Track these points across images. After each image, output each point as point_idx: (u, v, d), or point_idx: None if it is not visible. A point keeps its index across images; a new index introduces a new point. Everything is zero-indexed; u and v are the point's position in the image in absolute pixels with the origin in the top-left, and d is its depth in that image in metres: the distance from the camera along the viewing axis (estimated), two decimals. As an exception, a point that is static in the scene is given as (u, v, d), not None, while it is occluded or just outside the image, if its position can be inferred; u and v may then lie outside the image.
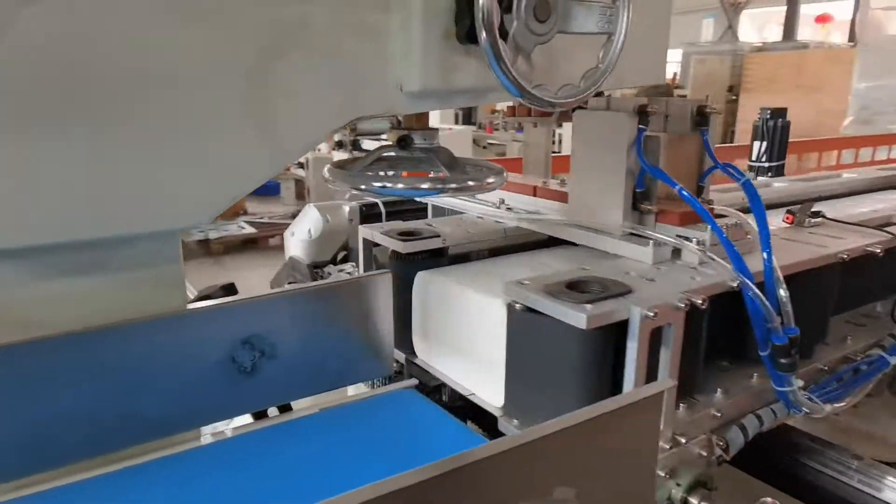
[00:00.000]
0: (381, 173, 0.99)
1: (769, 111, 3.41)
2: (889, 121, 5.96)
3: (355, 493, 0.53)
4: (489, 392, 1.09)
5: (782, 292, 0.99)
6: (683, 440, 0.96)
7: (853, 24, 9.26)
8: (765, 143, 3.34)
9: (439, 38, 0.85)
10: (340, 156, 5.90)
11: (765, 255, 1.00)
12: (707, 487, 0.94)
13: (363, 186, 0.92)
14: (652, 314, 0.87)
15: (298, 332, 0.97)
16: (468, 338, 1.12)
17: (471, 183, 0.95)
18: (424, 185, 0.92)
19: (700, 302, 0.92)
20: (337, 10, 0.81)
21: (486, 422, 1.10)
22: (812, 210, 1.39)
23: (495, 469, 0.58)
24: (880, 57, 6.26)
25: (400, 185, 0.90)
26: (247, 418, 0.98)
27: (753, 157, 3.45)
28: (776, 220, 1.36)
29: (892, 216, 1.49)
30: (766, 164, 3.29)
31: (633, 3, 0.83)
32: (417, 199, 1.74)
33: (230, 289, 1.14)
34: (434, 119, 1.04)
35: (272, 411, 1.00)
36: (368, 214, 1.72)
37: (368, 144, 6.03)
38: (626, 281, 0.98)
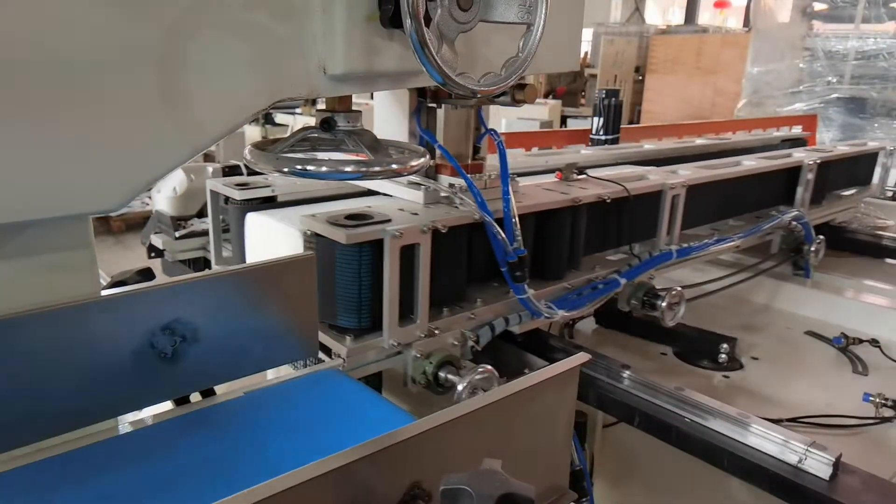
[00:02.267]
0: (305, 156, 0.98)
1: (604, 91, 3.97)
2: (777, 104, 6.41)
3: (285, 478, 0.54)
4: None
5: (515, 222, 1.26)
6: (437, 332, 1.23)
7: (748, 10, 9.83)
8: (602, 119, 3.93)
9: (362, 20, 0.85)
10: (251, 129, 5.70)
11: (504, 194, 1.26)
12: (455, 366, 1.20)
13: (286, 169, 0.91)
14: (399, 234, 1.09)
15: (222, 316, 0.95)
16: None
17: (395, 166, 0.96)
18: (348, 169, 0.92)
19: (441, 227, 1.17)
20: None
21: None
22: (578, 168, 1.68)
23: (422, 446, 0.61)
24: (770, 43, 6.69)
25: (324, 169, 0.90)
26: (168, 405, 0.96)
27: (593, 131, 4.01)
28: (550, 177, 1.70)
29: (644, 175, 1.80)
30: (604, 137, 3.90)
31: (551, -5, 0.86)
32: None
33: (147, 273, 1.09)
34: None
35: (195, 397, 0.98)
36: (231, 174, 1.83)
37: (282, 118, 5.86)
38: (392, 215, 1.18)
